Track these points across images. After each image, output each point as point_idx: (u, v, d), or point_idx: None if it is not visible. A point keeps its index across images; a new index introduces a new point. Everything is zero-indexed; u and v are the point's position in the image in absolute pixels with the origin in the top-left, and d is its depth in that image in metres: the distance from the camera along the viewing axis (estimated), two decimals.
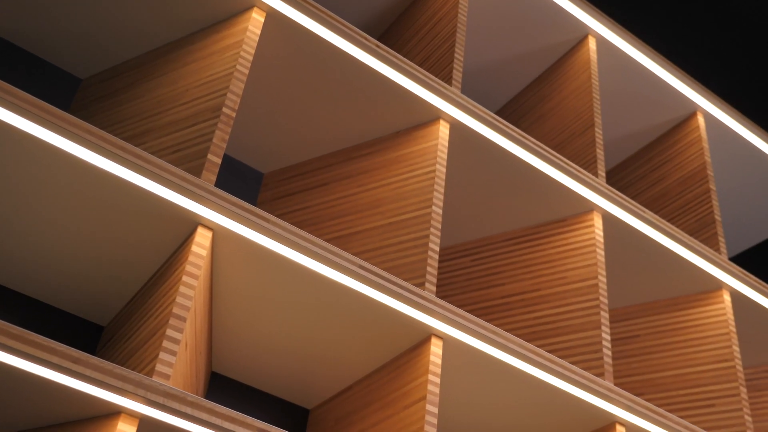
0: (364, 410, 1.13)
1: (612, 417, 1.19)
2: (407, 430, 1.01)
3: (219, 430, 0.81)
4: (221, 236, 0.96)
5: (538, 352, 1.12)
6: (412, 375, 1.06)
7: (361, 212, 1.24)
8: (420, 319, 1.05)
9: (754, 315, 1.61)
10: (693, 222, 1.70)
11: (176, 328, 0.85)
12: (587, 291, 1.30)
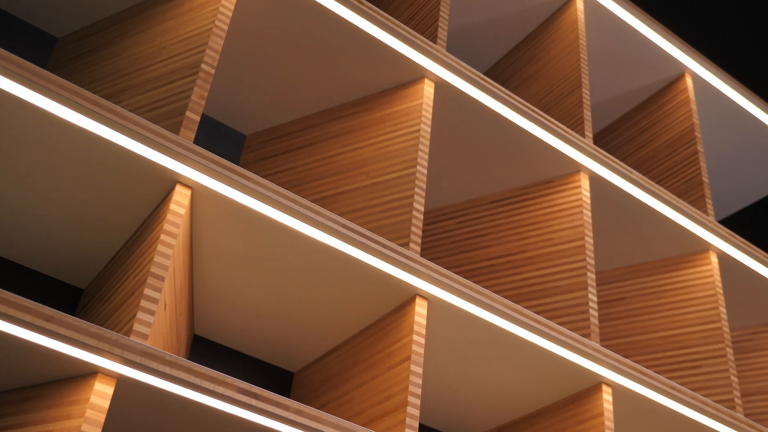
0: (348, 372, 1.12)
1: (598, 377, 1.18)
2: (392, 391, 1.00)
3: (198, 390, 0.79)
4: (201, 195, 0.94)
5: (523, 312, 1.10)
6: (396, 336, 1.05)
7: (345, 173, 1.22)
8: (404, 279, 1.04)
9: (741, 277, 1.61)
10: (680, 184, 1.68)
11: (154, 287, 0.83)
12: (574, 252, 1.29)
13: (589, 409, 1.18)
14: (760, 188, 2.10)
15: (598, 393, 1.18)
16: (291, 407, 0.84)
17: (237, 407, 0.81)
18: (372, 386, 1.05)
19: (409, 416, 0.95)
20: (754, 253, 1.57)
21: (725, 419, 1.27)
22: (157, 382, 0.78)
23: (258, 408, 0.81)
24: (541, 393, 1.24)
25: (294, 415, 0.83)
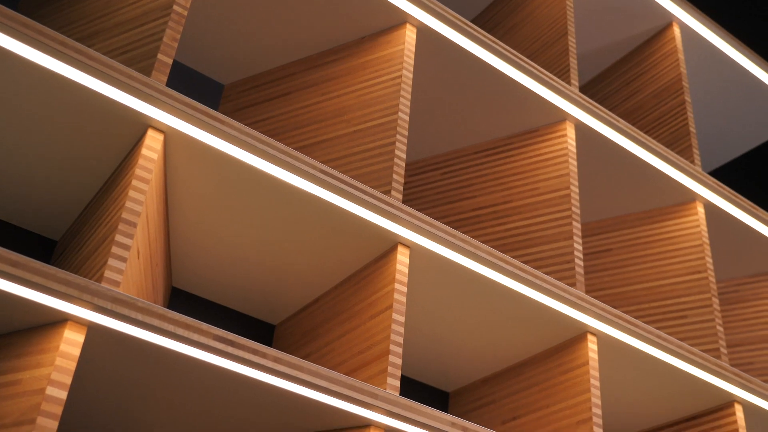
0: (329, 323, 1.10)
1: (583, 326, 1.17)
2: (373, 340, 0.98)
3: (172, 338, 0.77)
4: (174, 140, 0.91)
5: (507, 260, 1.08)
6: (378, 285, 1.03)
7: (325, 121, 1.19)
8: (386, 227, 1.01)
9: (727, 227, 1.60)
10: (667, 135, 1.66)
11: (126, 233, 0.81)
12: (559, 202, 1.27)
13: (574, 358, 1.17)
14: (748, 139, 2.08)
15: (584, 342, 1.17)
16: (269, 355, 0.81)
17: (213, 355, 0.79)
18: (354, 336, 1.03)
19: (391, 365, 0.94)
20: (741, 204, 1.55)
21: (711, 368, 1.27)
22: (129, 329, 0.76)
23: (234, 356, 0.79)
24: (526, 343, 1.22)
25: (272, 363, 0.81)
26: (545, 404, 1.18)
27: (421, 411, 0.90)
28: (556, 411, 1.16)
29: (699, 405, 1.35)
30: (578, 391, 1.14)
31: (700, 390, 1.31)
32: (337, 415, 0.88)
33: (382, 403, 0.88)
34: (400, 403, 0.89)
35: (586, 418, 1.11)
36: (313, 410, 0.88)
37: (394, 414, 0.88)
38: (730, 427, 1.31)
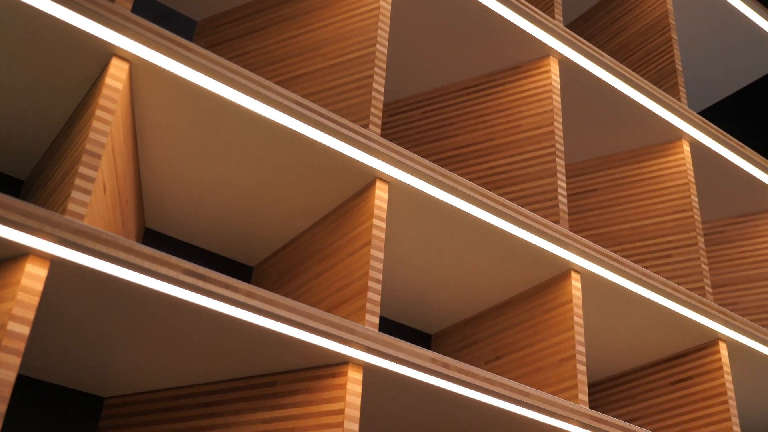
0: (307, 262, 1.07)
1: (567, 264, 1.15)
2: (352, 277, 0.96)
3: (140, 271, 0.74)
4: (140, 69, 0.87)
5: (489, 195, 1.06)
6: (356, 221, 1.00)
7: (301, 55, 1.15)
8: (364, 161, 0.98)
9: (713, 167, 1.57)
10: (653, 73, 1.63)
11: (90, 165, 0.77)
12: (543, 138, 1.24)
13: (557, 296, 1.15)
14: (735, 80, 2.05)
15: (567, 280, 1.15)
16: (241, 289, 0.79)
17: (182, 289, 0.76)
18: (332, 274, 1.00)
19: (370, 302, 0.91)
20: (728, 142, 1.53)
21: (695, 305, 1.25)
22: (94, 263, 0.73)
23: (205, 290, 0.77)
24: (509, 282, 1.20)
25: (245, 298, 0.79)
26: (528, 343, 1.17)
27: (401, 347, 0.88)
28: (539, 350, 1.14)
29: (683, 343, 1.34)
30: (561, 329, 1.12)
31: (685, 328, 1.30)
32: (313, 352, 0.86)
33: (359, 338, 0.85)
34: (378, 339, 0.87)
35: (570, 356, 1.09)
36: (289, 347, 0.86)
37: (372, 350, 0.86)
38: (714, 365, 1.30)
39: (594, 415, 1.03)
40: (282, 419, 0.89)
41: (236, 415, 0.92)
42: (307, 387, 0.89)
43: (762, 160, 1.59)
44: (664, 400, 1.35)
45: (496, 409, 0.97)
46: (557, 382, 1.09)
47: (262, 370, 0.92)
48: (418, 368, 0.89)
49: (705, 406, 1.29)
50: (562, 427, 1.01)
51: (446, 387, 0.92)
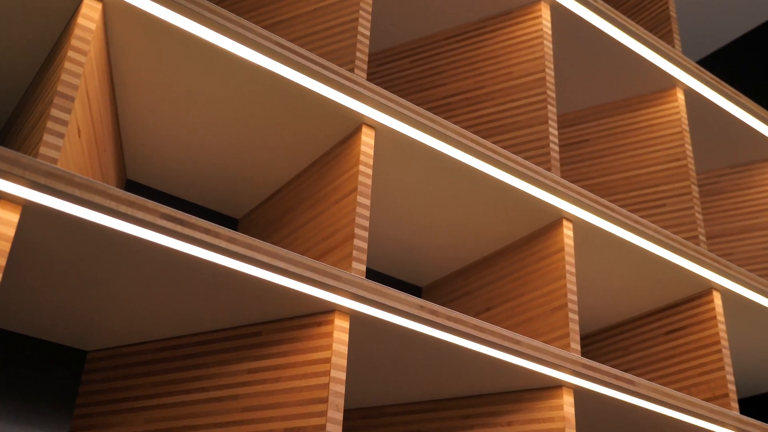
0: (293, 211, 1.05)
1: (559, 212, 1.13)
2: (338, 225, 0.93)
3: (115, 216, 0.71)
4: (114, 9, 0.84)
5: (479, 141, 1.03)
6: (342, 168, 0.97)
7: (284, 0, 1.11)
8: (349, 106, 0.95)
9: (708, 115, 1.55)
10: (648, 20, 1.60)
11: (62, 107, 0.74)
12: (534, 85, 1.21)
13: (549, 245, 1.13)
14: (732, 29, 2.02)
15: (559, 228, 1.13)
16: (222, 234, 0.76)
17: (161, 234, 0.74)
18: (318, 223, 0.98)
19: (357, 249, 0.89)
20: (723, 90, 1.50)
21: (689, 254, 1.23)
22: (67, 207, 0.70)
23: (185, 235, 0.74)
24: (500, 232, 1.18)
25: (226, 243, 0.76)
26: (519, 293, 1.15)
27: (388, 294, 0.86)
28: (531, 299, 1.13)
29: (677, 293, 1.32)
30: (553, 278, 1.10)
31: (678, 277, 1.28)
32: (298, 300, 0.84)
33: (345, 285, 0.83)
34: (365, 286, 0.85)
35: (561, 304, 1.08)
36: (273, 295, 0.84)
37: (359, 297, 0.84)
38: (708, 314, 1.29)
39: (586, 362, 1.01)
40: (268, 369, 0.87)
41: (221, 366, 0.90)
42: (293, 336, 0.87)
43: (757, 108, 1.57)
44: (658, 350, 1.34)
45: (486, 357, 0.96)
46: (549, 331, 1.08)
47: (247, 320, 0.90)
48: (406, 316, 0.87)
49: (699, 356, 1.27)
50: (554, 375, 1.00)
51: (435, 335, 0.90)
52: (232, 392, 0.88)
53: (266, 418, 0.84)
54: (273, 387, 0.86)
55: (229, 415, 0.87)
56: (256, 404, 0.86)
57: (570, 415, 1.01)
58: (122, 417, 0.94)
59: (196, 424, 0.88)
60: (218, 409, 0.88)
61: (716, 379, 1.24)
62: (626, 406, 1.09)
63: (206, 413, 0.88)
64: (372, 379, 1.06)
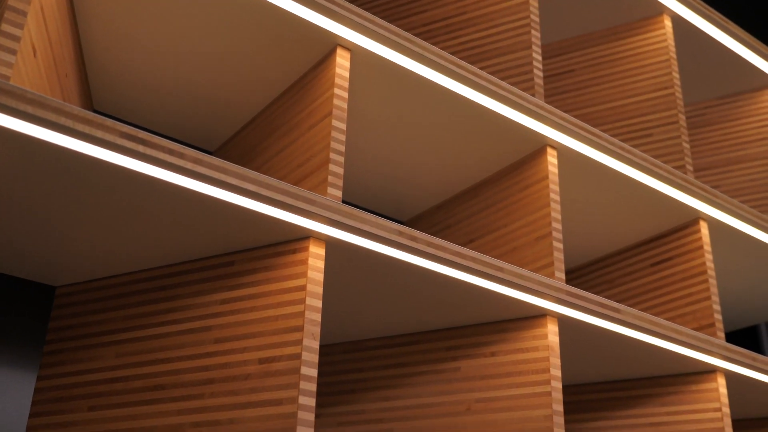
0: (267, 140, 1.01)
1: (543, 139, 1.09)
2: (313, 150, 0.90)
3: (71, 134, 0.67)
4: None
5: (460, 64, 0.99)
6: (316, 92, 0.93)
7: None
8: (323, 26, 0.91)
9: (695, 43, 1.51)
10: None
11: (14, 22, 0.70)
12: (517, 10, 1.17)
13: (533, 173, 1.10)
14: None
15: (543, 156, 1.10)
16: (188, 155, 0.72)
17: (120, 155, 0.70)
18: (292, 150, 0.94)
19: (332, 174, 0.85)
20: (711, 16, 1.46)
21: (677, 182, 1.20)
22: (20, 125, 0.66)
23: (147, 156, 0.70)
24: (483, 161, 1.15)
25: (192, 165, 0.72)
26: (503, 224, 1.12)
27: (365, 219, 0.83)
28: (515, 229, 1.10)
29: (663, 223, 1.30)
30: (537, 207, 1.07)
31: (665, 207, 1.25)
32: (271, 226, 0.81)
33: (320, 210, 0.80)
34: (341, 211, 0.81)
35: (546, 233, 1.05)
36: (244, 222, 0.80)
37: (334, 222, 0.81)
38: (694, 244, 1.26)
39: (570, 290, 0.99)
40: (241, 299, 0.84)
41: (194, 297, 0.87)
42: (267, 265, 0.84)
43: (746, 36, 1.53)
44: (644, 282, 1.32)
45: (469, 285, 0.93)
46: (533, 260, 1.05)
47: (219, 250, 0.87)
48: (384, 242, 0.84)
49: (685, 286, 1.25)
50: (538, 304, 0.97)
51: (415, 262, 0.87)
52: (205, 323, 0.85)
53: (240, 349, 0.81)
54: (247, 317, 0.83)
55: (202, 346, 0.84)
56: (230, 335, 0.83)
57: (555, 344, 0.98)
58: (93, 352, 0.91)
59: (169, 357, 0.86)
60: (191, 341, 0.85)
61: (702, 309, 1.22)
62: (612, 335, 1.07)
63: (179, 345, 0.86)
64: (352, 312, 1.03)
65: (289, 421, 0.75)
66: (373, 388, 1.08)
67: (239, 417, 0.78)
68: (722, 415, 1.15)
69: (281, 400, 0.76)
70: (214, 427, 0.79)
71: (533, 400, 0.97)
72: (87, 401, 0.89)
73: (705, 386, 1.18)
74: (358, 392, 1.09)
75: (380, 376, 1.08)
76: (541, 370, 0.97)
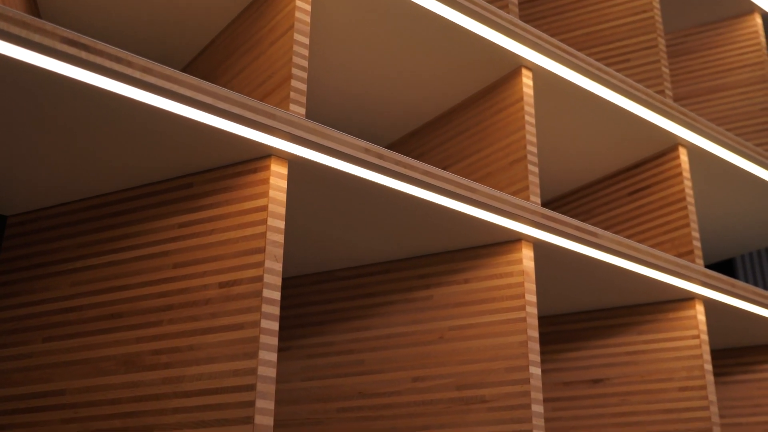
0: (228, 60, 0.96)
1: (517, 59, 1.05)
2: (275, 67, 0.85)
3: (7, 39, 0.62)
4: None
5: None
6: (278, 6, 0.88)
7: None
8: None
9: None
10: None
11: None
12: None
13: (507, 96, 1.06)
14: None
15: (518, 78, 1.05)
16: (135, 63, 0.67)
17: (62, 62, 0.64)
18: (253, 69, 0.89)
19: (294, 90, 0.81)
20: None
21: (655, 106, 1.16)
22: None
23: (90, 63, 0.65)
24: (456, 85, 1.10)
25: (140, 74, 0.67)
26: (476, 149, 1.08)
27: (330, 135, 0.78)
28: (489, 154, 1.06)
29: (641, 151, 1.26)
30: (511, 130, 1.03)
31: (643, 132, 1.22)
32: (229, 143, 0.76)
33: (281, 125, 0.75)
34: (304, 126, 0.77)
35: (520, 156, 1.01)
36: (198, 138, 0.76)
37: (297, 139, 0.76)
38: (673, 170, 1.23)
39: (546, 213, 0.95)
40: (200, 222, 0.80)
41: (151, 222, 0.83)
42: (227, 186, 0.79)
43: None
44: (622, 211, 1.29)
45: (440, 207, 0.89)
46: (508, 185, 1.01)
47: (177, 173, 0.82)
48: (350, 160, 0.80)
49: (663, 214, 1.23)
50: (512, 227, 0.94)
51: (382, 182, 0.83)
52: (163, 248, 0.81)
53: (199, 273, 0.77)
54: (206, 240, 0.79)
55: (160, 272, 0.80)
56: (189, 259, 0.79)
57: (530, 270, 0.95)
58: (47, 282, 0.87)
59: (126, 284, 0.81)
60: (148, 267, 0.81)
61: (681, 237, 1.19)
62: (588, 261, 1.05)
63: (136, 272, 0.81)
64: (320, 241, 0.99)
65: (251, 346, 0.71)
66: (343, 319, 1.05)
67: (199, 343, 0.75)
68: (700, 342, 1.13)
69: (243, 325, 0.73)
70: (174, 354, 0.76)
71: (508, 327, 0.94)
72: (41, 332, 0.85)
73: (683, 314, 1.16)
74: (328, 324, 1.06)
75: (350, 307, 1.05)
76: (515, 296, 0.94)
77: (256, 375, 0.70)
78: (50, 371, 0.83)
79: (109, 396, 0.78)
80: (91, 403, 0.79)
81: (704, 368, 1.12)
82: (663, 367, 1.15)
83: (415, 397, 0.97)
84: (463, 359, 0.95)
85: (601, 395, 1.19)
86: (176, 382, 0.75)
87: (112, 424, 0.77)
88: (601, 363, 1.21)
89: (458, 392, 0.94)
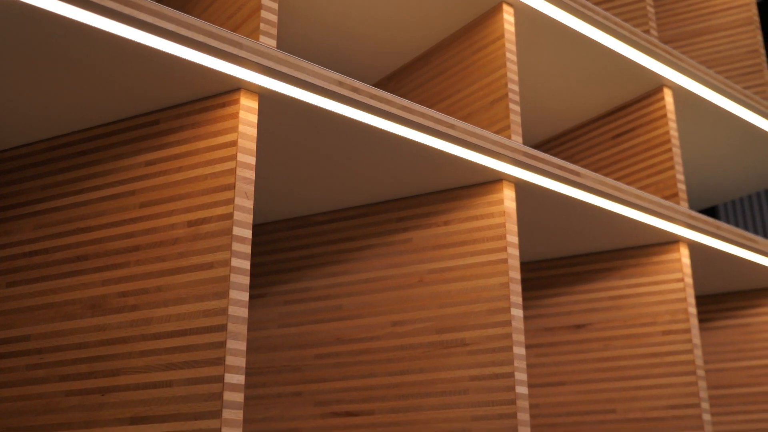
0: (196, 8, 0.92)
1: None
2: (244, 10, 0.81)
3: None
4: None
5: None
6: None
7: None
8: None
9: None
10: None
11: None
12: None
13: (487, 34, 1.02)
14: None
15: (498, 14, 1.02)
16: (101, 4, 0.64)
17: None
18: (223, 1, 0.85)
19: (265, 22, 0.77)
20: None
21: (640, 44, 1.13)
22: None
23: None
24: (434, 24, 1.06)
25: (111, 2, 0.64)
26: (456, 89, 1.05)
27: (302, 67, 0.75)
28: (469, 94, 1.03)
29: (625, 92, 1.23)
30: (492, 69, 1.00)
31: (628, 73, 1.19)
32: (195, 75, 0.72)
33: (250, 54, 0.72)
34: (274, 56, 0.73)
35: (502, 95, 0.98)
36: (162, 69, 0.72)
37: (267, 70, 0.73)
38: (658, 113, 1.21)
39: (527, 151, 0.92)
40: (168, 159, 0.76)
41: (117, 161, 0.79)
42: (194, 121, 0.76)
43: None
44: (605, 155, 1.26)
45: (418, 144, 0.86)
46: (489, 124, 0.98)
47: (142, 109, 0.79)
48: (323, 93, 0.76)
49: (648, 157, 1.20)
50: (492, 166, 0.91)
51: (356, 117, 0.80)
52: (129, 188, 0.77)
53: (167, 212, 0.74)
54: (174, 178, 0.75)
55: (126, 212, 0.77)
56: (156, 198, 0.75)
57: (511, 210, 0.93)
58: (9, 225, 0.84)
59: (90, 225, 0.78)
60: (114, 207, 0.78)
61: (666, 179, 1.17)
62: (572, 202, 1.02)
63: (101, 213, 0.78)
64: (295, 183, 0.96)
65: (221, 285, 0.69)
66: (320, 264, 1.02)
67: (168, 284, 0.72)
68: (684, 285, 1.12)
69: (212, 264, 0.70)
70: (141, 296, 0.73)
71: (489, 269, 0.91)
72: (5, 277, 0.82)
73: (667, 257, 1.14)
74: (305, 269, 1.03)
75: (327, 252, 1.02)
76: (496, 237, 0.92)
77: (227, 315, 0.67)
78: (14, 316, 0.80)
79: (76, 340, 0.75)
80: (57, 347, 0.76)
81: (688, 311, 1.10)
82: (646, 312, 1.14)
83: (394, 342, 0.95)
84: (443, 302, 0.93)
85: (583, 340, 1.18)
86: (144, 324, 0.72)
87: (78, 368, 0.74)
88: (584, 308, 1.19)
89: (438, 336, 0.92)
